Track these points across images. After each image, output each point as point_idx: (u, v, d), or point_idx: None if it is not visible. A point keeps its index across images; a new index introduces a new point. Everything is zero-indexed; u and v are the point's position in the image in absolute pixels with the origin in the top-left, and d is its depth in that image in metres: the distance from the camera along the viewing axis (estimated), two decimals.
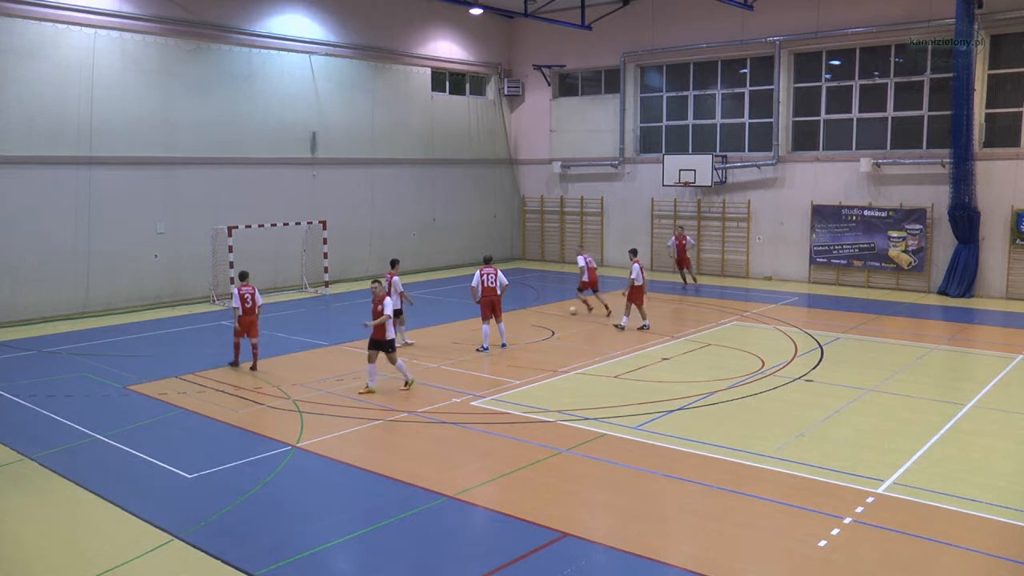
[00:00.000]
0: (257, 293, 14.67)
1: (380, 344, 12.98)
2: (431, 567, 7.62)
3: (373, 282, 13.47)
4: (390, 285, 15.44)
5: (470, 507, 8.87)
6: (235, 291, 14.63)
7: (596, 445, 10.67)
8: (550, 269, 29.50)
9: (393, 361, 13.12)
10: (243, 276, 14.92)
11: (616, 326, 17.94)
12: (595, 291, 19.53)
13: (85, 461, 10.36)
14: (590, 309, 19.80)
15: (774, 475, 9.61)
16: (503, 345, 16.28)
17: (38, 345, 17.03)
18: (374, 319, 12.96)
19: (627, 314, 17.87)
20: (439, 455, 10.50)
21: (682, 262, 24.33)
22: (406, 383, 13.31)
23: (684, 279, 24.47)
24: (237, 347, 14.83)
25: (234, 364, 14.85)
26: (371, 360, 13.09)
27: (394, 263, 16.45)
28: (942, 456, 10.25)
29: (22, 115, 19.17)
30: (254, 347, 14.70)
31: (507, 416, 11.94)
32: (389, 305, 12.96)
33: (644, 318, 17.87)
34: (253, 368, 14.64)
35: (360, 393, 13.04)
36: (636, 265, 17.58)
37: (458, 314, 19.83)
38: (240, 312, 14.46)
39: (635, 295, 17.61)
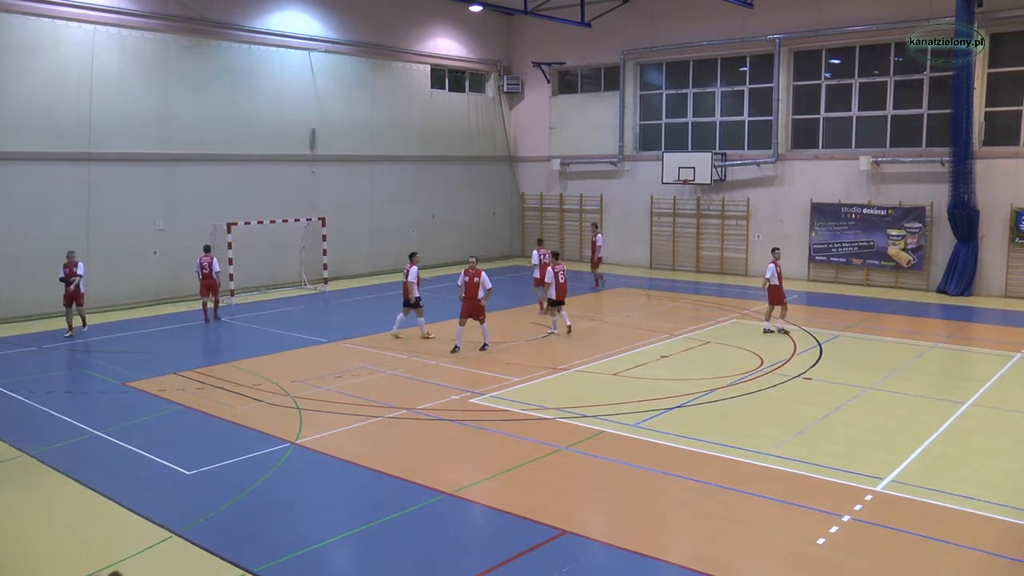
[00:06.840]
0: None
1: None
2: (430, 564, 7.62)
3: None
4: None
5: (469, 504, 8.86)
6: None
7: (595, 442, 10.67)
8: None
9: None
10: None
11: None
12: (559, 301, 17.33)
13: (84, 457, 10.36)
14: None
15: (773, 473, 9.62)
16: (484, 346, 15.91)
17: (37, 341, 17.02)
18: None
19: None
20: (438, 452, 10.51)
21: (593, 261, 23.91)
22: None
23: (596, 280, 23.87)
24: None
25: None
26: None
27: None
28: (941, 454, 10.27)
29: (21, 111, 19.12)
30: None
31: (506, 413, 11.95)
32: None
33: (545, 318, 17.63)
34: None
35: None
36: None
37: (457, 311, 19.76)
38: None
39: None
